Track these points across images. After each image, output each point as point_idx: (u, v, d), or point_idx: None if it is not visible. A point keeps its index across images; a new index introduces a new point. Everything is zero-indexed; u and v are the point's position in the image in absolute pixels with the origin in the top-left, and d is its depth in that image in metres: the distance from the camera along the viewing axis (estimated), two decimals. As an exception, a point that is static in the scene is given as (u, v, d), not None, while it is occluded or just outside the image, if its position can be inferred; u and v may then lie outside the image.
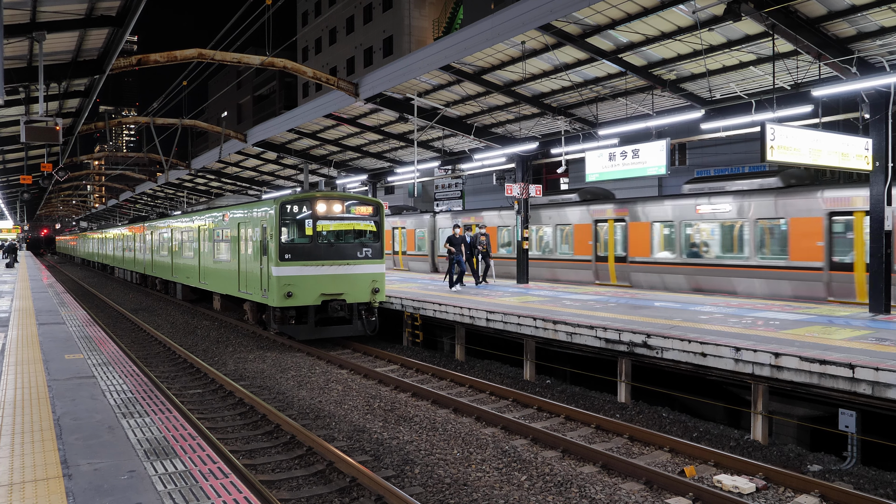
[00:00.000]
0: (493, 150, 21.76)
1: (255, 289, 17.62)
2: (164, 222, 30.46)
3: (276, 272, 16.28)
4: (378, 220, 17.83)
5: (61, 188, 55.50)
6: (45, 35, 11.29)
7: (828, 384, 8.93)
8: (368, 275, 17.25)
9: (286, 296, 16.12)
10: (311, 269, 16.47)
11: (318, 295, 16.51)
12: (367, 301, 17.17)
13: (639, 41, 14.23)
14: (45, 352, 10.92)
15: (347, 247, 17.17)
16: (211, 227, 22.31)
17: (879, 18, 11.95)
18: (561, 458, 8.93)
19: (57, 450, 5.94)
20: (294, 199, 16.68)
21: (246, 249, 18.58)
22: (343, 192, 19.13)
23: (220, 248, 21.34)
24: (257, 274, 17.46)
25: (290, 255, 16.35)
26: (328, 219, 17.04)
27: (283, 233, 16.47)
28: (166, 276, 29.53)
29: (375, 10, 51.02)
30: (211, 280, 22.38)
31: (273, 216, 16.52)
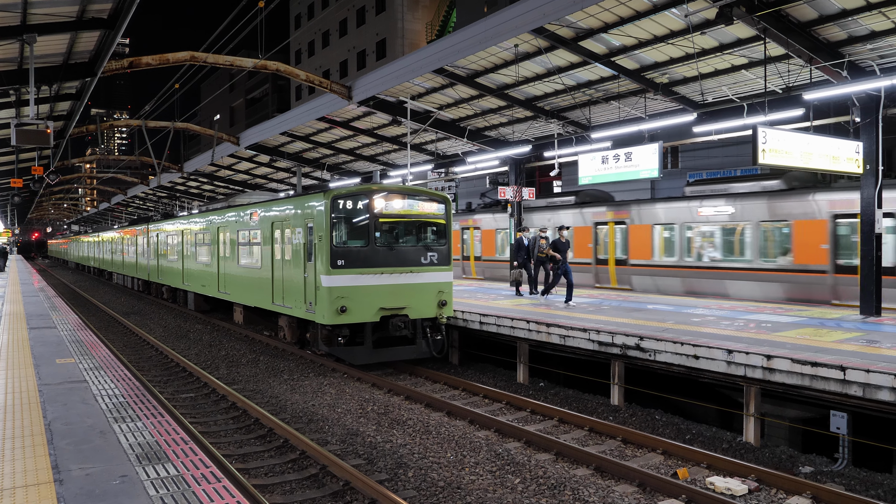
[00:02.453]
0: (487, 152, 21.79)
1: (296, 301, 14.95)
2: (173, 223, 27.52)
3: (327, 282, 13.57)
4: (445, 218, 15.09)
5: (52, 191, 55.22)
6: (36, 37, 11.24)
7: (819, 386, 8.96)
8: (434, 284, 14.56)
9: (339, 311, 13.43)
10: (368, 279, 13.82)
11: (377, 310, 13.82)
12: (433, 316, 14.52)
13: (631, 45, 14.29)
14: (36, 356, 10.86)
15: (410, 251, 14.49)
16: (234, 227, 19.60)
17: (870, 23, 12.03)
18: (554, 461, 8.93)
19: (48, 455, 5.91)
20: (348, 192, 14.04)
21: (283, 254, 15.82)
22: (405, 185, 16.40)
23: (247, 253, 18.73)
24: (299, 283, 14.76)
25: (345, 261, 13.67)
26: (389, 217, 14.34)
27: (334, 234, 13.80)
28: (175, 283, 26.75)
29: (368, 13, 51.04)
30: (234, 289, 19.69)
31: (323, 213, 13.77)
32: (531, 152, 21.17)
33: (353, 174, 30.23)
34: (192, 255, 24.08)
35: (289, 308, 15.47)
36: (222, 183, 39.29)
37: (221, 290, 20.78)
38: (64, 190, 58.04)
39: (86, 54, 13.55)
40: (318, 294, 13.84)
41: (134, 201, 56.55)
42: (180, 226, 26.08)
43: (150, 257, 31.32)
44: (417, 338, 14.37)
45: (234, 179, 37.95)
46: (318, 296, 13.80)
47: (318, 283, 13.76)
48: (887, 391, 8.29)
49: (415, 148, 24.72)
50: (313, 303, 14.05)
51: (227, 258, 20.21)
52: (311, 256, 14.26)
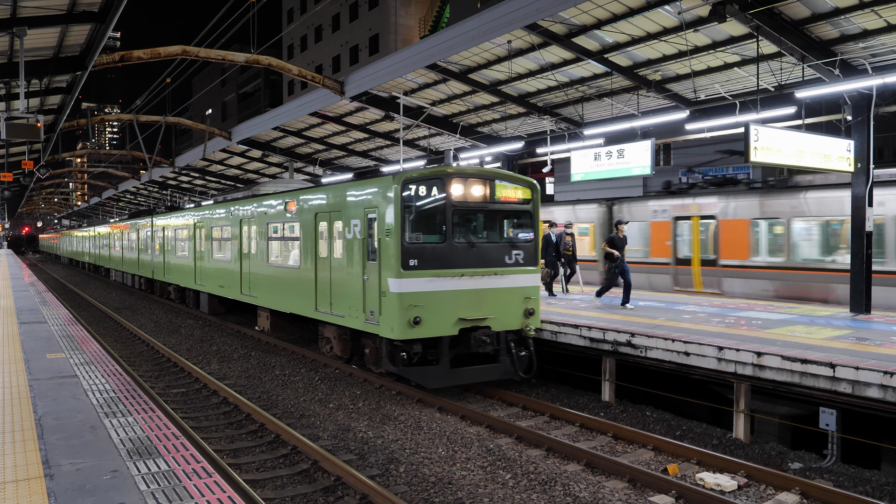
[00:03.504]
0: (479, 149, 21.79)
1: (351, 309, 12.56)
2: (183, 215, 24.77)
3: (397, 286, 11.10)
4: (532, 209, 12.66)
5: (43, 186, 54.93)
6: (26, 30, 11.17)
7: (809, 383, 9.02)
8: (520, 289, 12.21)
9: (411, 323, 11.06)
10: (446, 283, 11.43)
11: (455, 320, 11.46)
12: (518, 327, 12.16)
13: (624, 41, 14.31)
14: (27, 351, 10.81)
15: (493, 248, 12.08)
16: (263, 219, 17.10)
17: (862, 21, 12.08)
18: (545, 457, 8.95)
19: (38, 450, 5.89)
20: (421, 175, 11.55)
21: (331, 251, 13.45)
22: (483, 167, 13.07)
23: (281, 249, 16.43)
24: (355, 288, 12.38)
25: (418, 260, 11.24)
26: (468, 206, 11.91)
27: (406, 227, 11.35)
28: (185, 282, 24.25)
29: (361, 7, 50.89)
30: (262, 292, 17.28)
31: (392, 202, 11.26)
32: (524, 149, 21.17)
33: (345, 169, 30.18)
34: (207, 252, 21.62)
35: (339, 317, 13.02)
36: (214, 178, 39.16)
37: (245, 291, 18.28)
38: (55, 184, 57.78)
39: (76, 48, 13.47)
40: (383, 301, 11.42)
41: (125, 196, 56.32)
42: (192, 218, 23.33)
43: (155, 253, 28.64)
44: (501, 354, 11.96)
45: (226, 174, 37.83)
46: (384, 303, 11.38)
47: (385, 287, 11.37)
48: (876, 388, 8.35)
49: (407, 144, 24.69)
50: (376, 312, 11.63)
51: (253, 255, 17.75)
52: (371, 255, 11.87)
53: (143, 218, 31.67)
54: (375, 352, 12.33)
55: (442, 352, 11.42)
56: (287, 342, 17.00)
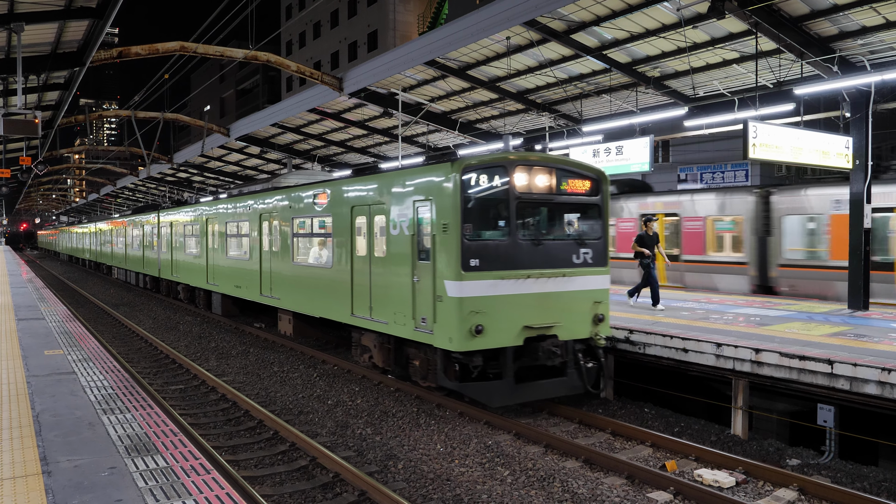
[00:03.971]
0: (478, 145, 21.79)
1: (397, 315, 11.16)
2: (194, 210, 23.08)
3: (456, 290, 9.77)
4: (601, 200, 11.24)
5: (41, 182, 54.86)
6: (24, 26, 11.14)
7: (807, 380, 9.03)
8: (589, 293, 10.90)
9: (473, 332, 9.70)
10: (511, 286, 10.11)
11: (520, 329, 10.12)
12: (587, 336, 10.86)
13: (623, 38, 14.29)
14: (24, 347, 10.81)
15: (559, 246, 10.77)
16: (287, 214, 15.62)
17: (861, 18, 12.07)
18: (544, 454, 8.96)
19: (36, 446, 5.88)
20: (481, 163, 10.16)
21: (371, 249, 12.05)
22: (546, 153, 11.75)
23: (308, 247, 15.15)
24: (403, 291, 10.99)
25: (479, 260, 9.92)
26: (533, 199, 10.57)
27: (466, 222, 9.95)
28: (196, 281, 22.71)
29: (360, 4, 50.82)
30: (286, 293, 15.85)
31: (450, 193, 9.87)
32: (522, 145, 21.16)
33: (343, 166, 30.17)
34: (221, 249, 20.16)
35: (381, 323, 11.64)
36: (212, 174, 39.13)
37: (266, 293, 16.85)
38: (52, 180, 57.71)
39: (74, 44, 13.44)
40: (438, 307, 10.07)
41: (123, 192, 56.26)
42: (204, 213, 21.73)
43: (162, 250, 26.87)
44: (568, 367, 10.64)
45: (225, 171, 37.79)
46: (440, 310, 10.04)
47: (441, 291, 10.01)
48: (874, 385, 8.36)
49: (406, 140, 24.68)
50: (429, 318, 10.29)
51: (275, 254, 16.28)
52: (423, 253, 10.53)
53: (148, 213, 29.94)
54: (426, 364, 10.87)
55: (505, 365, 10.03)
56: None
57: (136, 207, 41.20)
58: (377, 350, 12.32)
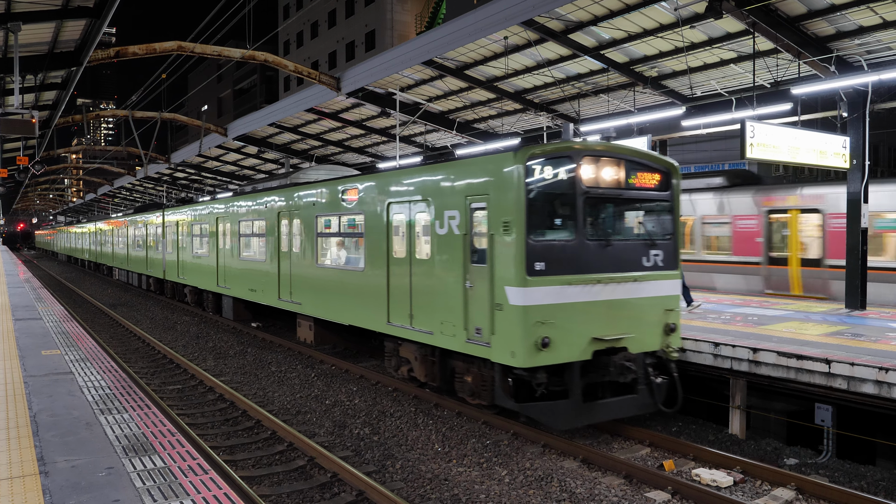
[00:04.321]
0: (475, 145, 21.78)
1: (445, 325, 10.03)
2: (204, 208, 21.74)
3: (520, 297, 8.65)
4: (671, 196, 10.15)
5: (38, 182, 54.85)
6: (21, 25, 11.12)
7: (805, 379, 9.04)
8: (660, 300, 9.81)
9: (539, 345, 8.63)
10: (579, 292, 9.02)
11: (589, 341, 9.06)
12: (657, 348, 9.75)
13: (621, 38, 14.30)
14: (22, 347, 10.78)
15: (629, 248, 9.67)
16: (310, 211, 14.42)
17: (858, 18, 12.09)
18: (542, 453, 8.96)
19: (33, 447, 5.87)
20: (543, 152, 8.97)
21: (411, 250, 10.96)
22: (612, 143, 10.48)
23: (335, 248, 14.13)
24: (452, 298, 9.87)
25: (546, 264, 8.82)
26: (601, 194, 9.43)
27: (531, 220, 8.82)
28: (205, 284, 21.45)
29: (357, 3, 50.79)
30: (309, 298, 14.65)
31: (512, 186, 8.79)
32: (520, 145, 21.18)
33: (341, 166, 30.14)
34: (234, 250, 18.92)
35: (425, 333, 10.52)
36: (210, 174, 39.09)
37: (285, 297, 15.72)
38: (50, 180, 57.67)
39: (71, 43, 13.41)
40: (497, 317, 8.96)
41: (121, 192, 56.21)
42: (215, 211, 20.43)
43: (168, 251, 25.59)
44: (639, 383, 9.51)
45: (222, 171, 37.76)
46: (500, 320, 8.92)
47: (501, 298, 8.90)
48: (871, 384, 8.37)
49: (404, 140, 24.67)
50: (485, 329, 9.21)
51: (296, 255, 15.16)
52: (477, 256, 9.46)
53: (152, 212, 28.43)
54: (479, 380, 9.79)
55: (573, 382, 8.97)
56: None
57: (139, 206, 39.81)
58: (419, 363, 11.07)
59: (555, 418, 8.92)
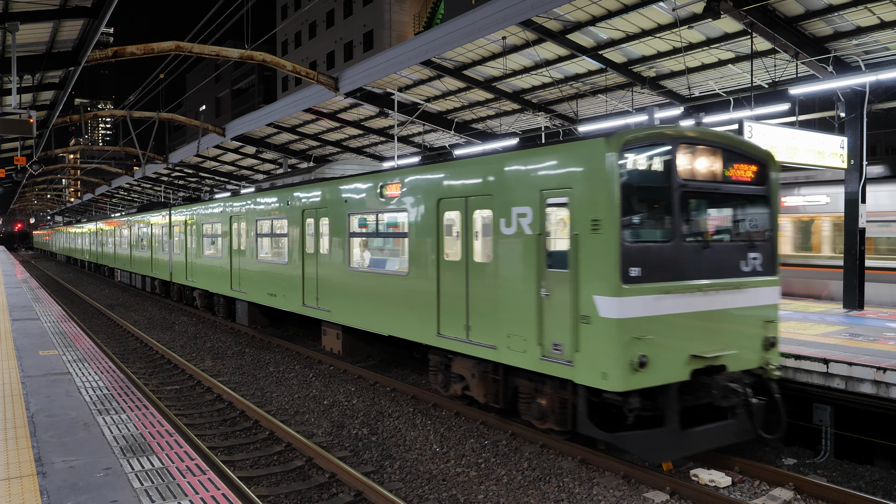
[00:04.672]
0: (474, 145, 21.79)
1: (513, 339, 8.85)
2: (213, 207, 20.54)
3: (615, 309, 7.54)
4: (768, 191, 9.03)
5: (35, 182, 54.79)
6: (19, 25, 11.11)
7: (803, 379, 9.05)
8: (759, 310, 8.74)
9: (636, 365, 7.52)
10: (677, 302, 7.94)
11: (687, 359, 7.96)
12: (756, 365, 8.68)
13: (619, 38, 14.31)
14: (19, 348, 10.77)
15: (725, 251, 8.55)
16: (341, 209, 13.17)
17: (856, 18, 12.11)
18: (540, 453, 8.96)
19: (31, 447, 5.86)
20: (636, 139, 7.80)
21: (467, 252, 9.78)
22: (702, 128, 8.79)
23: (370, 250, 13.20)
24: (523, 307, 8.69)
25: (641, 270, 7.71)
26: (698, 189, 8.34)
27: (625, 219, 7.70)
28: (217, 287, 20.12)
29: (356, 4, 50.78)
30: (339, 305, 13.33)
31: (604, 178, 7.64)
32: (519, 145, 21.20)
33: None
34: (250, 251, 17.68)
35: (487, 348, 9.32)
36: (208, 174, 39.07)
37: (310, 303, 14.43)
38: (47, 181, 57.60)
39: (69, 43, 13.40)
40: (584, 331, 7.83)
41: (119, 192, 56.15)
42: (229, 209, 19.15)
43: (175, 251, 24.33)
44: (738, 405, 8.25)
45: (220, 171, 37.75)
46: (587, 334, 7.79)
47: (588, 309, 7.75)
48: (869, 384, 8.38)
49: (402, 140, 24.68)
50: (566, 345, 8.08)
51: (324, 257, 13.94)
52: (554, 259, 8.36)
53: (157, 211, 27.15)
54: (556, 404, 8.63)
55: (669, 406, 7.80)
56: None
57: (143, 205, 38.30)
58: (477, 381, 9.86)
59: (651, 450, 7.78)
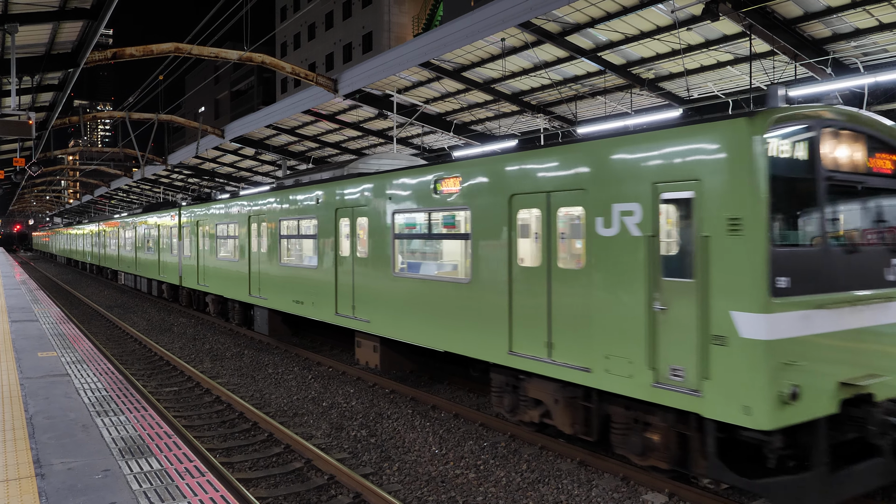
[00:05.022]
0: (473, 147, 21.79)
1: (615, 359, 7.54)
2: (230, 206, 18.98)
3: (759, 328, 6.28)
4: None
5: (34, 183, 54.76)
6: (18, 27, 11.12)
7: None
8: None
9: (786, 397, 6.28)
10: (828, 319, 6.70)
11: (836, 387, 6.72)
12: None
13: (618, 40, 14.33)
14: (18, 349, 10.76)
15: (870, 256, 7.33)
16: (385, 207, 11.74)
17: (854, 20, 12.13)
18: (539, 455, 8.96)
19: (29, 449, 5.86)
20: (781, 119, 6.63)
21: (549, 256, 8.45)
22: (851, 110, 7.68)
23: (421, 254, 11.90)
24: (630, 323, 7.36)
25: (790, 279, 6.47)
26: (845, 181, 7.17)
27: (773, 217, 6.47)
28: (234, 293, 18.60)
29: (355, 5, 50.82)
30: (381, 315, 11.86)
31: (745, 169, 6.40)
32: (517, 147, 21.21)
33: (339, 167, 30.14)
34: (273, 254, 16.15)
35: (578, 370, 7.94)
36: (207, 175, 39.07)
37: (345, 312, 13.00)
38: (46, 182, 57.58)
39: (68, 45, 13.41)
40: (716, 354, 6.57)
41: (118, 193, 56.16)
42: (248, 208, 17.62)
43: (185, 254, 22.85)
44: (885, 443, 6.81)
45: (219, 172, 37.75)
46: (722, 358, 6.52)
47: (724, 328, 6.49)
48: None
49: (401, 142, 24.69)
50: (690, 371, 6.78)
51: (363, 261, 12.45)
52: (673, 265, 7.02)
53: (166, 210, 25.56)
54: (674, 440, 7.34)
55: (817, 444, 6.51)
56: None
57: (150, 204, 36.80)
58: (562, 408, 8.47)
59: (799, 498, 6.45)
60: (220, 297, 20.55)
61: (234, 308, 19.28)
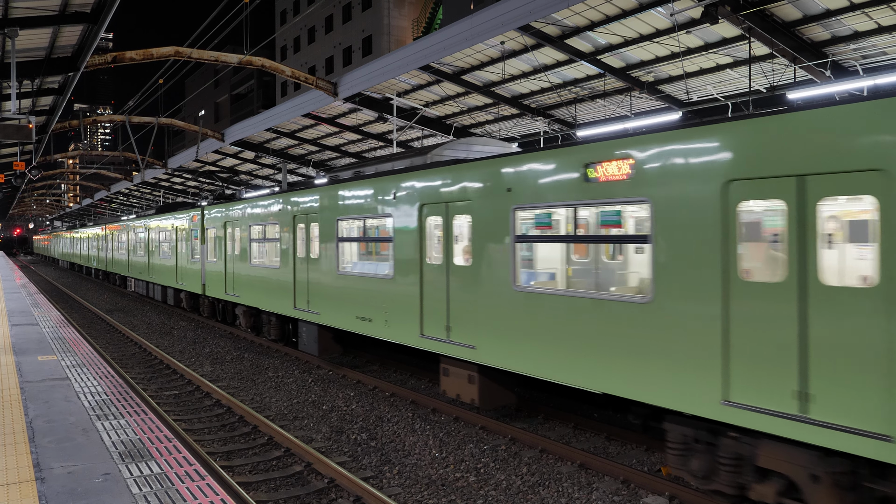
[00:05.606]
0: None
1: (854, 406, 5.53)
2: (271, 203, 16.46)
3: None
4: None
5: (34, 187, 54.76)
6: (18, 31, 11.13)
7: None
8: None
9: None
10: None
11: None
12: None
13: (617, 43, 14.34)
14: (18, 353, 10.75)
15: None
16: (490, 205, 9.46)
17: (853, 23, 12.14)
18: (539, 458, 8.95)
19: (29, 453, 5.85)
20: None
21: (803, 268, 5.92)
22: None
23: (560, 263, 10.51)
24: (859, 354, 5.50)
25: None
26: None
27: None
28: (275, 306, 16.07)
29: (354, 9, 50.88)
30: (491, 339, 9.43)
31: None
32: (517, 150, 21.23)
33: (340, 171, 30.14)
34: (327, 260, 13.78)
35: (780, 418, 6.01)
36: (206, 179, 39.10)
37: (435, 333, 10.59)
38: (46, 186, 57.60)
39: (68, 49, 13.43)
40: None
41: (118, 197, 56.16)
42: (294, 206, 15.31)
43: (209, 259, 20.69)
44: None
45: (219, 176, 37.77)
46: None
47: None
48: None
49: (401, 145, 24.71)
50: None
51: (463, 271, 10.06)
52: None
53: (185, 211, 23.28)
54: None
55: None
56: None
57: (166, 204, 34.22)
58: (827, 489, 6.01)
59: None
60: (254, 310, 18.27)
61: (270, 322, 17.04)
